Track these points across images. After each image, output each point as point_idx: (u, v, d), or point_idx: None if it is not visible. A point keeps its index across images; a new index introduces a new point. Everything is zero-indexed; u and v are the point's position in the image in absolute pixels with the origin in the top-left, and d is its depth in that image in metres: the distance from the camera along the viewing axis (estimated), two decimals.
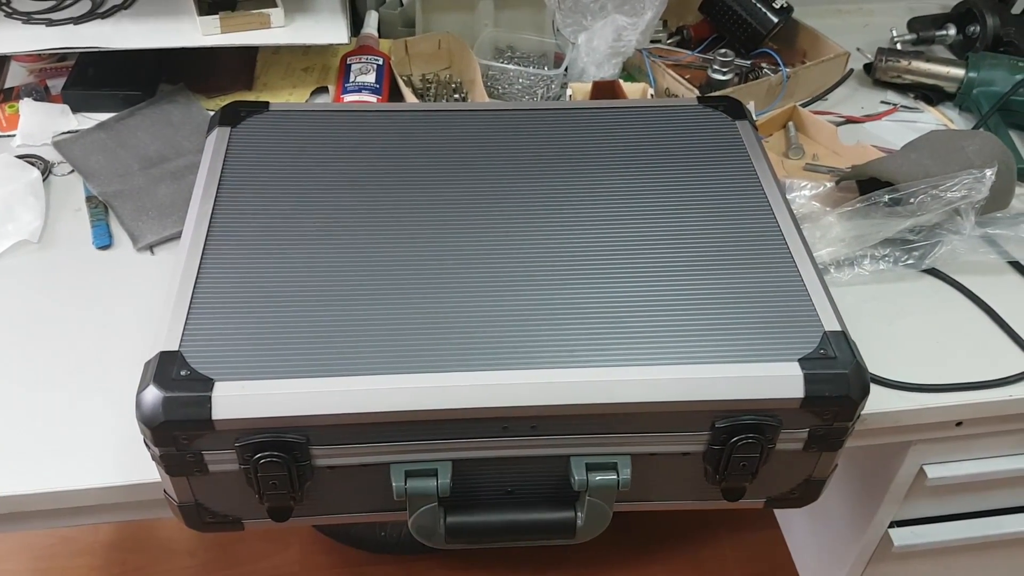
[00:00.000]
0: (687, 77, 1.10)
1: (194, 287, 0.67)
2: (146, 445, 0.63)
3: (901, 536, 0.98)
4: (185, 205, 0.92)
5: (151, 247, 0.90)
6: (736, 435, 0.66)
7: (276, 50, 1.15)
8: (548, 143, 0.84)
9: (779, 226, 0.76)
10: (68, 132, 1.02)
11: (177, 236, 0.90)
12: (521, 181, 0.79)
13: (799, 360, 0.65)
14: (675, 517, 1.64)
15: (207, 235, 0.72)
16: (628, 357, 0.64)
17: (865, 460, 0.97)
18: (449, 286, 0.69)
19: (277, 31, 1.04)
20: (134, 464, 0.70)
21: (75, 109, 1.05)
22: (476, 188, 0.78)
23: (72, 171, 0.98)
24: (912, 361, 0.82)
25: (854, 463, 0.99)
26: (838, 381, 0.64)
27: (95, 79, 1.06)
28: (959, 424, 0.84)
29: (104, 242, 0.90)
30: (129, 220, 0.92)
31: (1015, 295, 0.89)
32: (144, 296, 0.84)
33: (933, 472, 0.91)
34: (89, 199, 0.94)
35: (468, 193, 0.78)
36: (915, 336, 0.85)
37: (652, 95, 1.07)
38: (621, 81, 1.07)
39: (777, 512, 1.49)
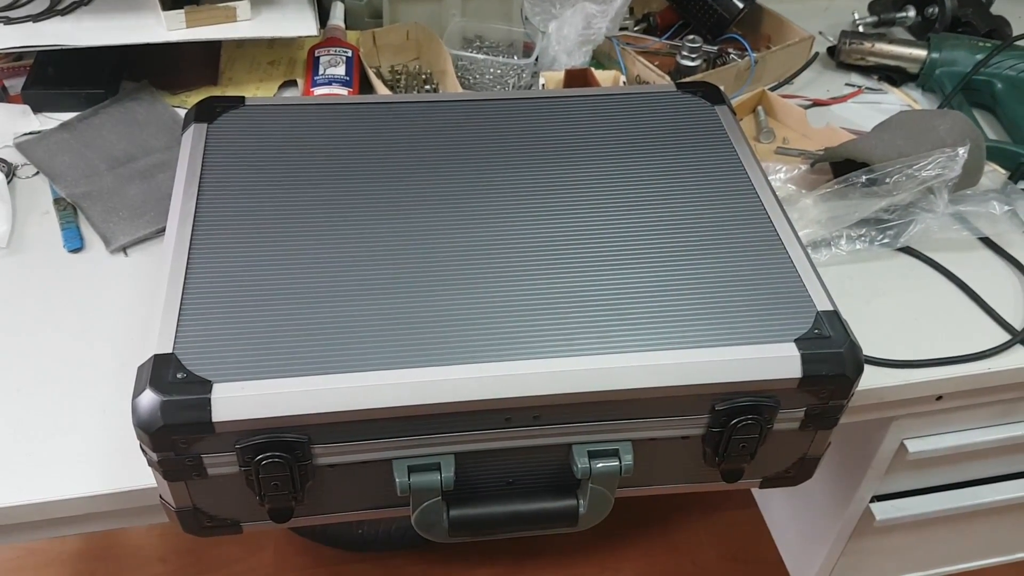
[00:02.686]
0: (656, 64, 1.11)
1: (183, 288, 0.66)
2: (143, 451, 0.62)
3: (883, 510, 1.00)
4: (157, 204, 0.91)
5: (124, 248, 0.88)
6: (736, 417, 0.66)
7: (240, 44, 1.13)
8: (531, 132, 0.83)
9: (765, 209, 0.76)
10: (30, 133, 0.99)
11: (150, 237, 0.89)
12: (511, 171, 0.79)
13: (795, 340, 0.65)
14: (647, 502, 1.65)
15: (192, 234, 0.70)
16: (627, 344, 0.64)
17: (846, 437, 0.98)
18: (441, 278, 0.69)
19: (244, 24, 1.02)
20: (120, 471, 0.69)
21: (36, 109, 1.02)
22: (464, 179, 0.78)
23: (37, 173, 0.95)
24: (892, 338, 0.84)
25: (835, 440, 1.01)
26: (834, 360, 0.65)
27: (55, 78, 1.03)
28: (939, 398, 0.86)
29: (75, 245, 0.87)
30: (100, 222, 0.90)
31: (987, 270, 0.91)
32: (121, 299, 0.82)
33: (914, 446, 0.93)
34: (57, 201, 0.92)
35: (456, 184, 0.77)
36: (893, 313, 0.86)
37: (624, 82, 1.07)
38: (592, 69, 1.07)
39: (755, 491, 1.51)
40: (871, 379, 0.80)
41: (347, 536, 1.52)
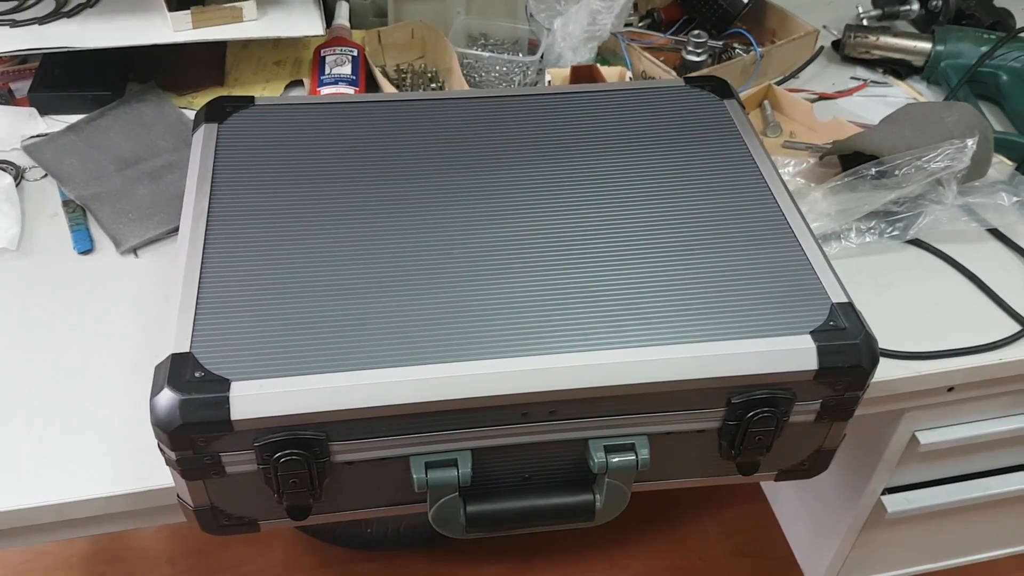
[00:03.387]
0: (661, 59, 1.11)
1: (199, 287, 0.66)
2: (160, 450, 0.62)
3: (894, 503, 1.00)
4: (166, 205, 0.91)
5: (135, 250, 0.88)
6: (752, 410, 0.66)
7: (246, 44, 1.13)
8: (539, 129, 0.83)
9: (777, 202, 0.76)
10: (37, 136, 0.99)
11: (161, 237, 0.89)
12: (520, 167, 0.79)
13: (811, 333, 0.65)
14: (654, 497, 1.65)
15: (206, 233, 0.70)
16: (643, 338, 0.64)
17: (858, 430, 0.98)
18: (455, 275, 0.69)
19: (250, 24, 1.02)
20: (136, 471, 0.69)
21: (43, 112, 1.02)
22: (473, 176, 0.78)
23: (45, 175, 0.95)
24: (903, 330, 0.84)
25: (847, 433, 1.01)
26: (850, 351, 0.65)
27: (62, 80, 1.03)
28: (951, 389, 0.86)
29: (85, 246, 0.87)
30: (109, 223, 0.90)
31: (996, 261, 0.92)
32: (132, 300, 0.82)
33: (925, 438, 0.93)
34: (66, 203, 0.92)
35: (465, 181, 0.77)
36: (904, 305, 0.87)
37: (630, 78, 1.07)
38: (598, 65, 1.07)
39: (764, 485, 1.51)
40: (882, 371, 0.80)
41: (356, 535, 1.52)
